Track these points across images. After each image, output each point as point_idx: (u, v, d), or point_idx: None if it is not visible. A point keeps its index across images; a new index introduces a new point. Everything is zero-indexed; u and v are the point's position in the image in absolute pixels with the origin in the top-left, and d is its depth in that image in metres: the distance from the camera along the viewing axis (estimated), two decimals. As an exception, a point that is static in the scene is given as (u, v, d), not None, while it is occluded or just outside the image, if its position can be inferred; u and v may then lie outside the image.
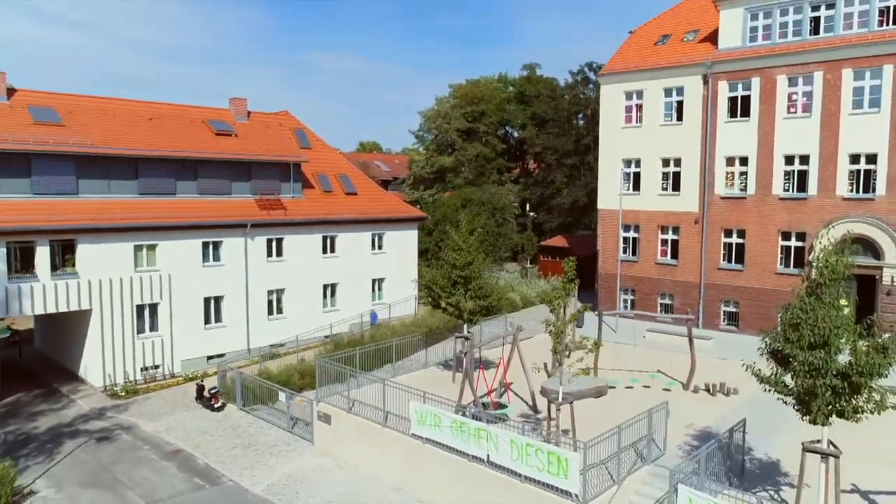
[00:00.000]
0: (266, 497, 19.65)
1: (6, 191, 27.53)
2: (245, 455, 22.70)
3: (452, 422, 18.47)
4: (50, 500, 19.60)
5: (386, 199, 41.98)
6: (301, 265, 36.27)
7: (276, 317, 35.56)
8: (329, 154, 41.73)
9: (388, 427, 20.72)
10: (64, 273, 28.49)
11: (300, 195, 37.13)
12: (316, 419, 23.18)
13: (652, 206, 35.83)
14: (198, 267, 32.47)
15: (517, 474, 16.97)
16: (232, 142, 35.33)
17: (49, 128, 29.42)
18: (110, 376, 29.78)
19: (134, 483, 20.71)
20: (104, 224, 29.15)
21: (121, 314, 30.03)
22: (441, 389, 21.02)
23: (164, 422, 25.85)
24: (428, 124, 65.88)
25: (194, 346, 32.17)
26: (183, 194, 32.65)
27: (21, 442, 24.05)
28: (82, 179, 29.55)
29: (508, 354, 23.22)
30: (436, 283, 24.66)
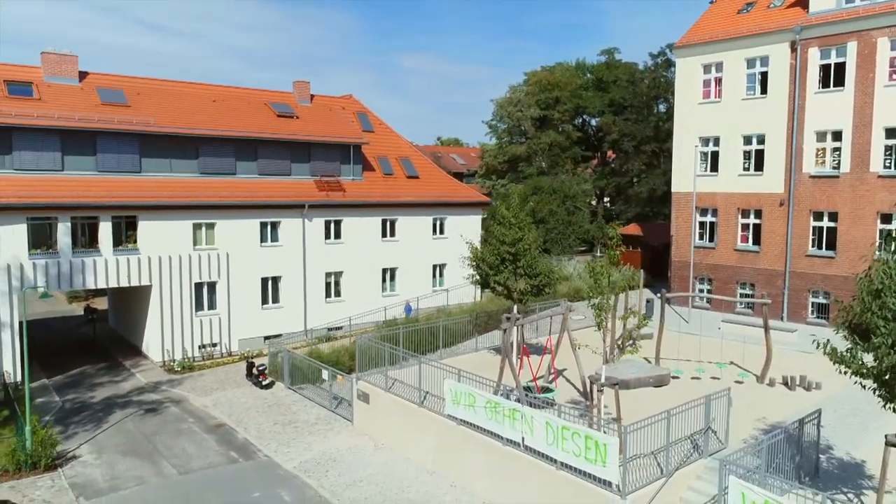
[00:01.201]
0: (296, 474, 18.98)
1: (73, 168, 28.39)
2: (284, 432, 22.19)
3: (487, 402, 17.12)
4: (88, 465, 19.72)
5: (449, 184, 40.92)
6: (359, 248, 35.77)
7: (333, 299, 35.24)
8: (391, 137, 41.12)
9: (424, 407, 19.60)
10: (125, 249, 29.11)
11: (360, 177, 36.66)
12: (355, 398, 22.39)
13: (731, 187, 32.96)
14: (255, 247, 32.53)
15: (552, 460, 15.44)
16: (293, 123, 35.28)
17: (115, 108, 30.19)
18: (169, 352, 30.23)
19: (171, 453, 20.58)
20: (165, 201, 29.60)
21: (179, 291, 30.43)
22: (488, 374, 19.65)
23: (212, 397, 25.83)
24: (500, 112, 64.36)
25: (251, 326, 32.25)
26: (242, 175, 32.81)
27: (76, 410, 24.59)
28: (145, 158, 30.14)
29: (558, 337, 21.54)
30: (484, 260, 23.31)
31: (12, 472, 18.65)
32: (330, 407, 24.20)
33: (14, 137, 27.09)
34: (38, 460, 18.96)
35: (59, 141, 28.04)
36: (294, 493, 17.86)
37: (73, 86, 30.90)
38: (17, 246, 26.54)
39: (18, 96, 28.32)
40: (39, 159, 27.64)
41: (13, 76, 29.56)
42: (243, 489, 18.11)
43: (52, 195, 27.08)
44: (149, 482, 18.62)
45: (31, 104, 28.08)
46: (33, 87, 29.33)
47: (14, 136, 27.09)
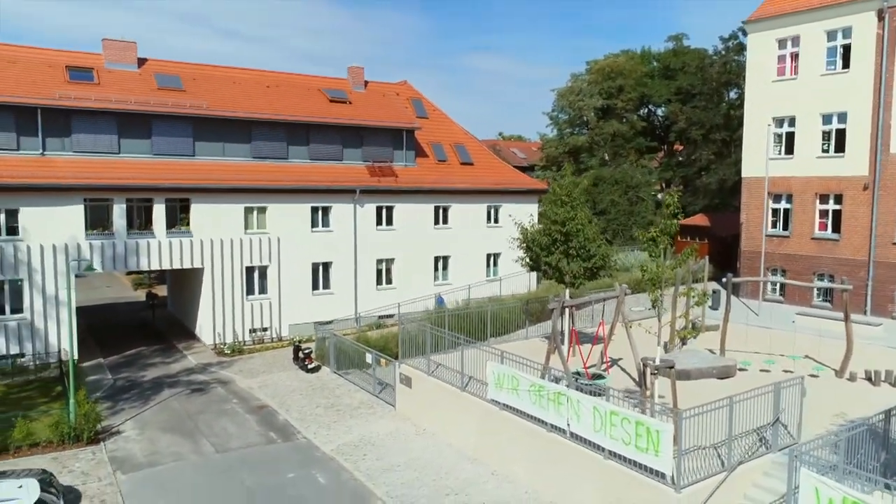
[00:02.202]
0: (333, 456, 18.32)
1: (129, 151, 28.77)
2: (325, 415, 21.64)
3: (530, 385, 15.98)
4: (130, 440, 19.65)
5: (504, 171, 39.76)
6: (411, 235, 35.09)
7: (384, 287, 34.67)
8: (446, 124, 40.28)
9: (467, 392, 18.60)
10: (178, 231, 29.32)
11: (412, 163, 35.97)
12: (397, 382, 21.61)
13: (808, 170, 30.52)
14: (306, 232, 32.28)
15: (600, 448, 14.16)
16: (345, 108, 34.92)
17: (171, 93, 30.48)
18: (220, 335, 30.30)
19: (211, 432, 20.32)
20: (217, 185, 29.67)
21: (231, 275, 30.47)
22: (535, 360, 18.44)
23: (258, 379, 25.61)
24: (561, 102, 62.61)
25: (302, 312, 32.01)
26: (294, 159, 32.63)
27: (126, 388, 24.79)
28: (199, 142, 30.31)
29: (612, 323, 20.12)
30: (534, 240, 22.10)
31: (56, 443, 18.73)
32: (374, 391, 23.54)
33: (73, 120, 27.64)
34: (80, 433, 18.99)
35: (116, 124, 28.47)
36: (329, 476, 17.19)
37: (132, 72, 31.42)
38: (75, 226, 27.04)
39: (79, 81, 28.93)
40: (97, 142, 28.12)
41: (75, 62, 30.25)
42: (278, 469, 17.58)
43: (109, 177, 27.49)
44: (186, 459, 18.35)
45: (90, 89, 28.63)
46: (94, 73, 29.93)
47: (73, 119, 27.63)
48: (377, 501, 15.74)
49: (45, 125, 27.00)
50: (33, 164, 26.64)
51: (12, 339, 26.21)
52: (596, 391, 15.02)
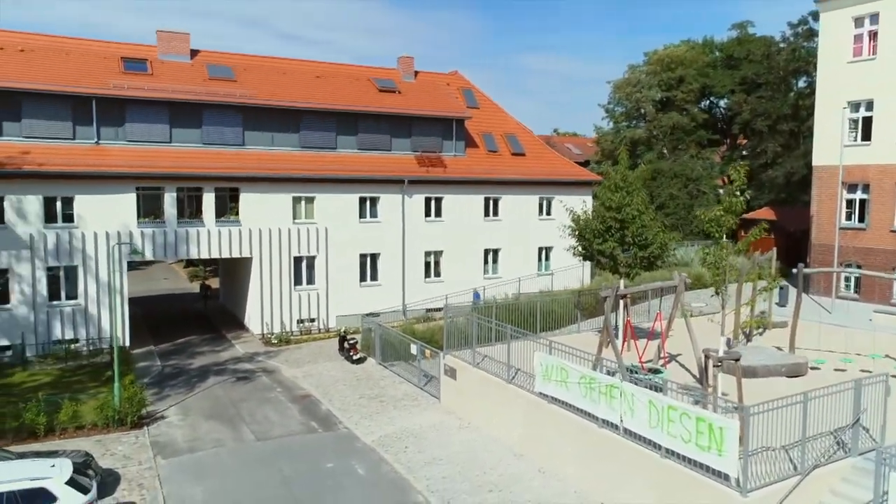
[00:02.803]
0: (373, 447, 17.70)
1: (180, 140, 28.96)
2: (368, 406, 21.07)
3: (581, 377, 14.95)
4: (173, 426, 19.52)
5: (557, 161, 38.56)
6: (460, 227, 34.32)
7: (433, 279, 34.01)
8: (497, 114, 39.33)
9: (513, 384, 17.68)
10: (227, 220, 29.36)
11: (462, 153, 35.19)
12: (442, 373, 20.85)
13: (888, 158, 28.26)
14: (354, 222, 31.92)
15: (657, 446, 13.05)
16: (394, 98, 34.41)
17: (221, 83, 30.58)
18: (268, 325, 30.21)
19: (253, 419, 20.01)
20: (266, 174, 29.58)
21: (279, 265, 30.35)
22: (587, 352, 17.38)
23: (303, 369, 25.30)
24: (618, 94, 60.73)
25: (349, 303, 31.64)
26: (343, 149, 32.31)
27: (173, 375, 24.86)
28: (248, 131, 30.30)
29: (670, 314, 18.81)
30: (587, 227, 20.97)
31: (100, 426, 18.73)
32: (418, 383, 22.87)
33: (127, 110, 27.97)
34: (124, 417, 18.95)
35: (168, 113, 28.68)
36: (368, 467, 16.57)
37: (185, 63, 31.69)
38: (127, 214, 27.36)
39: (133, 72, 29.29)
40: (149, 131, 28.39)
41: (130, 54, 30.70)
42: (317, 459, 17.07)
43: (160, 165, 27.70)
44: (226, 445, 18.06)
45: (143, 79, 28.94)
46: (147, 64, 30.28)
47: (127, 109, 27.97)
48: (417, 495, 15.02)
49: (99, 115, 27.40)
50: (88, 152, 27.05)
51: (67, 324, 26.67)
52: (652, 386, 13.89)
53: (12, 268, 25.72)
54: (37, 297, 26.14)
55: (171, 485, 15.61)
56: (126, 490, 15.26)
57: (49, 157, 26.05)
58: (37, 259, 26.04)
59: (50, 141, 26.65)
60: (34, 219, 25.97)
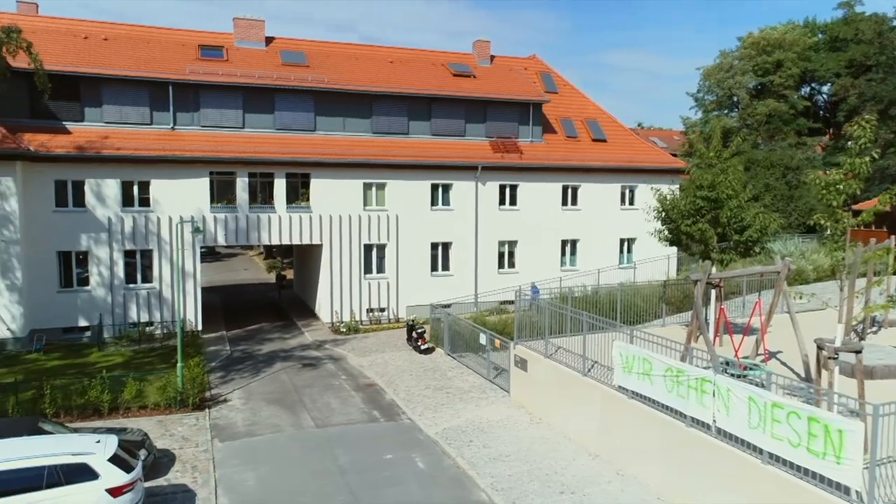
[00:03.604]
0: (436, 440, 16.55)
1: (252, 126, 28.83)
2: (433, 397, 19.96)
3: (666, 369, 13.22)
4: (234, 409, 19.06)
5: (642, 148, 36.27)
6: (537, 216, 32.73)
7: (507, 270, 32.60)
8: (578, 99, 37.43)
9: (589, 377, 16.08)
10: (298, 206, 29.02)
11: (539, 139, 33.58)
12: (512, 365, 19.46)
13: None
14: (426, 210, 30.95)
15: (758, 450, 11.21)
16: (469, 82, 33.22)
17: (294, 68, 30.29)
18: (337, 313, 29.69)
19: (314, 406, 19.29)
20: (337, 159, 29.04)
21: (349, 252, 29.77)
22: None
23: (370, 358, 24.51)
24: (708, 81, 57.31)
25: (419, 293, 30.64)
26: (415, 135, 31.39)
27: (241, 359, 24.62)
28: (319, 117, 29.87)
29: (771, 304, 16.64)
30: (675, 207, 19.01)
31: (163, 406, 18.47)
32: (487, 376, 21.57)
33: (202, 95, 28.06)
34: (186, 398, 18.62)
35: (241, 99, 28.61)
36: (429, 460, 15.41)
37: (260, 49, 31.67)
38: (201, 199, 27.42)
39: (209, 58, 29.43)
40: (223, 117, 28.39)
41: (208, 41, 30.94)
42: (376, 449, 16.07)
43: (233, 150, 27.64)
44: (284, 431, 17.37)
45: (219, 65, 29.02)
46: (224, 51, 30.39)
47: (202, 95, 28.06)
48: (480, 493, 13.73)
49: (175, 100, 27.59)
50: (164, 137, 27.29)
51: (143, 307, 26.98)
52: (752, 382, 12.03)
53: (91, 250, 26.23)
54: (114, 279, 26.56)
55: (224, 468, 14.99)
56: (179, 472, 14.75)
57: (127, 142, 26.40)
58: (114, 242, 26.46)
59: (128, 126, 27.04)
60: (112, 203, 26.40)
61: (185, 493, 13.74)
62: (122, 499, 11.24)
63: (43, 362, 22.97)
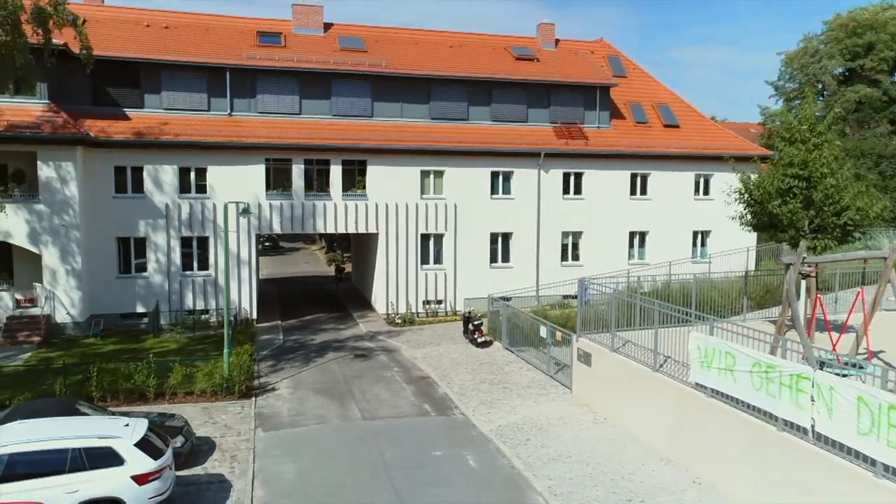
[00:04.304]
0: (490, 437, 15.27)
1: (309, 112, 28.26)
2: (489, 392, 18.67)
3: (754, 364, 11.52)
4: (281, 398, 18.33)
5: (717, 133, 33.90)
6: (603, 206, 30.94)
7: (570, 263, 30.95)
8: (648, 82, 35.33)
9: (661, 372, 14.45)
10: (354, 194, 28.28)
11: (607, 125, 31.76)
12: (574, 359, 17.95)
13: None
14: (485, 199, 29.67)
15: (870, 460, 9.44)
16: (532, 66, 31.73)
17: (352, 53, 29.58)
18: (392, 304, 28.80)
19: (363, 398, 18.33)
20: (394, 145, 28.13)
21: (405, 242, 28.83)
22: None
23: (424, 350, 23.44)
24: (790, 67, 53.66)
25: (478, 285, 29.32)
26: (475, 121, 30.15)
27: (293, 348, 24.02)
28: (377, 102, 29.03)
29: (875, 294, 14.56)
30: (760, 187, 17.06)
31: (209, 394, 17.90)
32: (548, 371, 20.12)
33: (259, 81, 27.69)
34: (233, 386, 18.00)
35: (298, 84, 28.08)
36: (481, 459, 14.15)
37: (318, 35, 31.13)
38: (257, 186, 27.03)
39: (267, 44, 29.06)
40: (279, 103, 27.93)
41: (266, 28, 30.59)
42: (425, 445, 14.94)
43: (289, 136, 27.12)
44: (330, 422, 16.47)
45: (276, 51, 28.60)
46: (282, 37, 29.98)
47: (259, 80, 27.68)
48: (536, 496, 12.39)
49: (233, 86, 27.31)
50: (221, 124, 27.02)
51: (198, 294, 26.79)
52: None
53: (149, 236, 26.20)
54: (171, 266, 26.46)
55: (264, 459, 14.17)
56: (217, 461, 14.02)
57: (185, 128, 26.25)
58: (171, 229, 26.35)
59: (186, 113, 26.90)
60: (169, 189, 26.30)
61: (221, 483, 12.96)
62: (147, 487, 10.48)
63: (99, 347, 22.96)
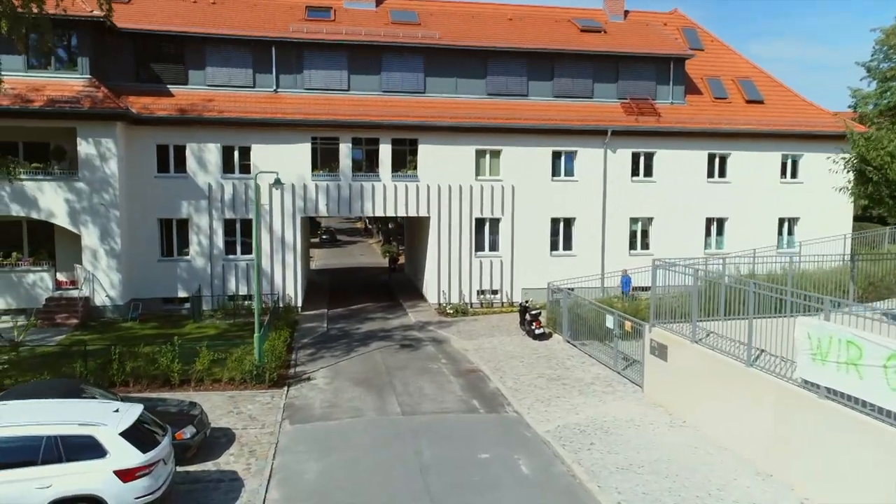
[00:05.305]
0: (547, 440, 13.09)
1: (358, 88, 26.62)
2: (547, 388, 16.47)
3: (889, 356, 8.96)
4: (315, 388, 16.65)
5: (807, 109, 30.38)
6: (676, 189, 28.14)
7: (639, 252, 28.26)
8: (727, 55, 32.15)
9: (757, 367, 11.92)
10: (404, 175, 26.50)
11: (681, 100, 28.89)
12: (646, 352, 15.52)
13: None
14: (546, 180, 27.36)
15: None
16: (598, 38, 29.20)
17: (404, 26, 27.81)
18: (444, 293, 26.87)
19: (405, 391, 16.44)
20: (447, 122, 26.18)
21: (458, 227, 26.85)
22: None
23: (476, 342, 21.40)
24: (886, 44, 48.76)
25: (537, 275, 26.96)
26: (535, 97, 27.86)
27: (336, 337, 22.41)
28: (429, 77, 27.13)
29: None
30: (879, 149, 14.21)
31: (238, 381, 16.37)
32: (614, 366, 17.74)
33: (305, 56, 26.23)
34: (263, 374, 16.42)
35: (346, 59, 26.49)
36: (536, 465, 12.00)
37: (369, 10, 29.56)
38: (302, 166, 25.61)
39: (315, 19, 27.63)
40: (327, 78, 26.41)
41: (315, 2, 29.15)
42: (470, 445, 12.90)
43: (337, 113, 25.57)
44: (364, 416, 14.64)
45: (325, 25, 27.10)
46: (331, 11, 28.52)
47: (305, 55, 26.23)
48: (601, 513, 10.16)
49: (278, 62, 25.95)
50: (266, 100, 25.71)
51: (241, 279, 25.57)
52: None
53: (192, 218, 25.13)
54: (213, 249, 25.33)
55: (286, 455, 12.44)
56: (234, 455, 12.37)
57: (229, 105, 25.05)
58: (213, 210, 25.21)
59: (231, 90, 25.69)
60: (213, 168, 25.15)
61: (233, 481, 11.28)
62: (133, 485, 8.83)
63: (136, 331, 21.93)
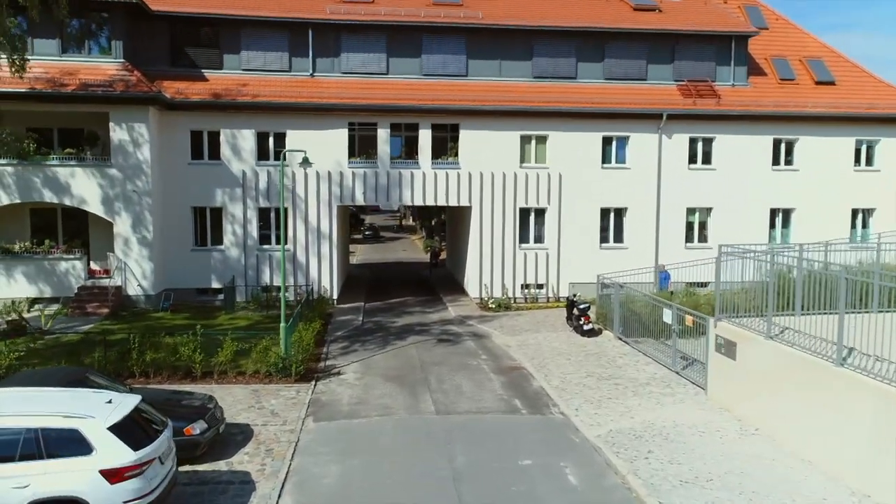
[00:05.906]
0: (598, 446, 11.57)
1: (397, 72, 25.45)
2: (598, 388, 14.92)
3: None
4: (344, 383, 15.48)
5: (887, 91, 27.82)
6: (738, 178, 26.09)
7: (696, 245, 26.31)
8: (794, 34, 29.79)
9: (849, 367, 10.17)
10: (445, 162, 25.22)
11: (743, 82, 26.79)
12: (711, 349, 13.82)
13: None
14: (595, 168, 25.69)
15: None
16: (653, 16, 27.33)
17: (445, 7, 26.48)
18: (486, 287, 25.48)
19: (440, 388, 15.13)
20: (490, 106, 24.79)
21: (502, 217, 25.42)
22: None
23: (519, 338, 19.95)
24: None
25: (585, 268, 25.26)
26: (585, 79, 26.20)
27: (370, 330, 21.29)
28: (472, 60, 25.78)
29: None
30: None
31: (263, 375, 15.34)
32: (673, 366, 16.05)
33: (343, 38, 25.21)
34: (289, 367, 15.35)
35: (385, 41, 25.36)
36: (585, 475, 10.51)
37: (410, -9, 28.32)
38: (339, 152, 24.60)
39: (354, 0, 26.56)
40: (365, 62, 25.33)
41: (354, -15, 28.10)
42: (510, 450, 11.49)
43: (375, 97, 24.46)
44: (395, 415, 13.37)
45: (362, 6, 26.00)
46: (370, -7, 27.41)
47: (343, 38, 25.20)
48: (663, 536, 8.63)
49: (315, 45, 24.99)
50: (302, 84, 24.78)
51: (276, 270, 24.67)
52: None
53: (226, 206, 24.38)
54: (248, 239, 24.54)
55: (305, 456, 11.27)
56: (249, 454, 11.26)
57: (264, 90, 24.20)
58: (248, 199, 24.41)
59: (266, 74, 24.86)
60: (248, 155, 24.36)
61: (243, 484, 10.15)
62: (121, 487, 7.73)
63: (166, 321, 21.19)
